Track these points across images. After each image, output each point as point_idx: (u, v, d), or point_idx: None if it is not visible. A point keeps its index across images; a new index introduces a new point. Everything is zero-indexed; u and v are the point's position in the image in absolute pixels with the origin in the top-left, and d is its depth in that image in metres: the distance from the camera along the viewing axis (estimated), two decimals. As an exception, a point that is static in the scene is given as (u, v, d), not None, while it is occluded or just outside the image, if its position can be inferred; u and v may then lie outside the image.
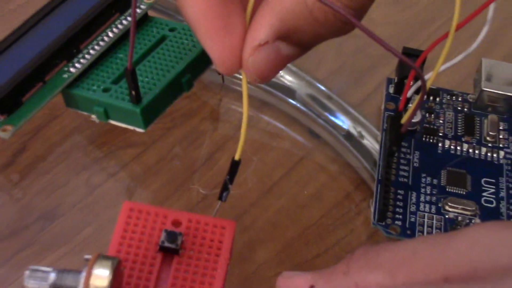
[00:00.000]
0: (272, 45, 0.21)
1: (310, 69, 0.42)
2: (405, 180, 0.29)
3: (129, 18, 0.34)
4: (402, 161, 0.30)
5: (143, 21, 0.35)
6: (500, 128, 0.31)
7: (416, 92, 0.29)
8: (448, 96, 0.33)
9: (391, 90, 0.33)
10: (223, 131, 0.42)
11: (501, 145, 0.31)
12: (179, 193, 0.35)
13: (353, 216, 0.34)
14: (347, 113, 0.40)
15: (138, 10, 0.35)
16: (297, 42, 0.22)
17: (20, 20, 0.37)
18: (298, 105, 0.40)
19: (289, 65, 0.37)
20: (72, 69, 0.32)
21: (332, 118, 0.40)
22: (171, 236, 0.26)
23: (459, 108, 0.32)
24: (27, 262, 0.32)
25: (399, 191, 0.29)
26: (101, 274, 0.23)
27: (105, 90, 0.31)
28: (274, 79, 0.39)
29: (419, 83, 0.28)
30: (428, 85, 0.25)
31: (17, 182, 0.36)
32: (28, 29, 0.33)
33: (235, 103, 0.42)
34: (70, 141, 0.37)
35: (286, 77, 0.40)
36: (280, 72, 0.30)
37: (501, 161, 0.30)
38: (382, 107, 0.32)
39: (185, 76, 0.32)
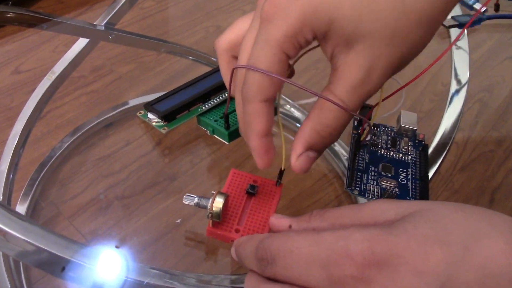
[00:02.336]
0: (305, 153, 0.28)
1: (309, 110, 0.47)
2: (361, 167, 0.35)
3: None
4: (360, 159, 0.36)
5: (233, 94, 0.42)
6: (409, 144, 0.37)
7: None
8: (383, 127, 0.39)
9: (355, 123, 0.39)
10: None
11: (409, 153, 0.37)
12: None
13: (327, 186, 0.47)
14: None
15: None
16: (316, 150, 0.29)
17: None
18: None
19: (300, 108, 0.49)
20: (203, 108, 0.43)
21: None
22: (252, 187, 0.33)
23: (388, 134, 0.38)
24: (159, 200, 0.44)
25: (358, 173, 0.35)
26: (219, 200, 0.31)
27: (215, 120, 0.42)
28: (291, 114, 0.48)
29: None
30: (372, 122, 0.35)
31: (159, 156, 0.47)
32: (186, 87, 0.44)
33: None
34: (193, 144, 0.49)
35: (296, 113, 0.51)
36: (295, 110, 0.41)
37: (409, 161, 0.36)
38: (351, 131, 0.38)
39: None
